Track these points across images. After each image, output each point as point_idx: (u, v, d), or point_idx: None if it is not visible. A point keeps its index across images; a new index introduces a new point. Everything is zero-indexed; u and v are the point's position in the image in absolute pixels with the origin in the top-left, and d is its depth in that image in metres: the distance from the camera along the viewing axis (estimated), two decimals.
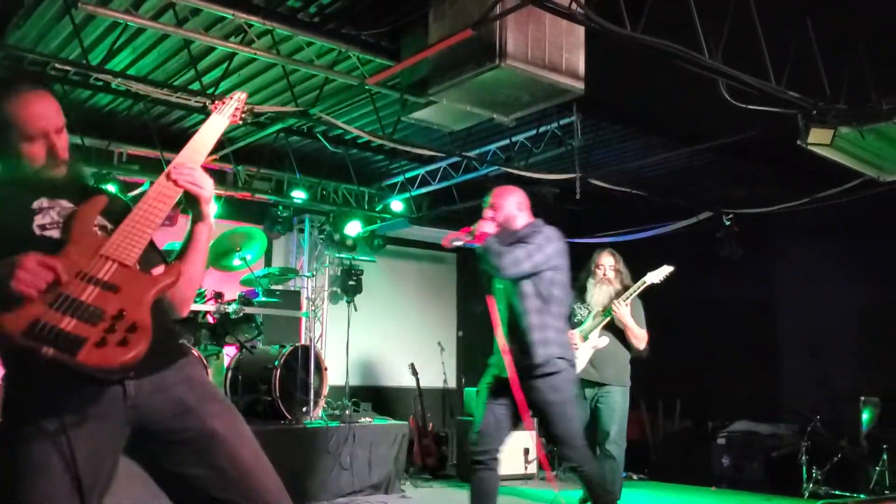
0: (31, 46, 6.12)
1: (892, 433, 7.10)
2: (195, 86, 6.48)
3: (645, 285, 5.94)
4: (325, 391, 7.49)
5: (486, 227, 4.36)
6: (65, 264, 2.02)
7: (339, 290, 9.61)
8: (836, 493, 7.04)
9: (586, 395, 5.91)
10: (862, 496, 6.65)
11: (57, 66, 6.33)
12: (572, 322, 6.08)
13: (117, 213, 2.29)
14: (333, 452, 6.69)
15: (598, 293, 6.09)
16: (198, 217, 2.39)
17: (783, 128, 5.95)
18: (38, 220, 2.23)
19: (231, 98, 2.64)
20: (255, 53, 5.80)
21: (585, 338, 6.00)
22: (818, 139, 5.81)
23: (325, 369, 7.49)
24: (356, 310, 8.91)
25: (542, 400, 4.28)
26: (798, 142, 5.84)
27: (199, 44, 5.98)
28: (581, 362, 5.89)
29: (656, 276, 5.99)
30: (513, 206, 4.48)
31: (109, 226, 2.27)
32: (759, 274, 9.08)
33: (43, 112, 2.30)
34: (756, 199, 8.37)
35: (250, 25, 5.54)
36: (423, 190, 9.18)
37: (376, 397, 9.51)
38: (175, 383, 2.19)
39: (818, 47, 5.49)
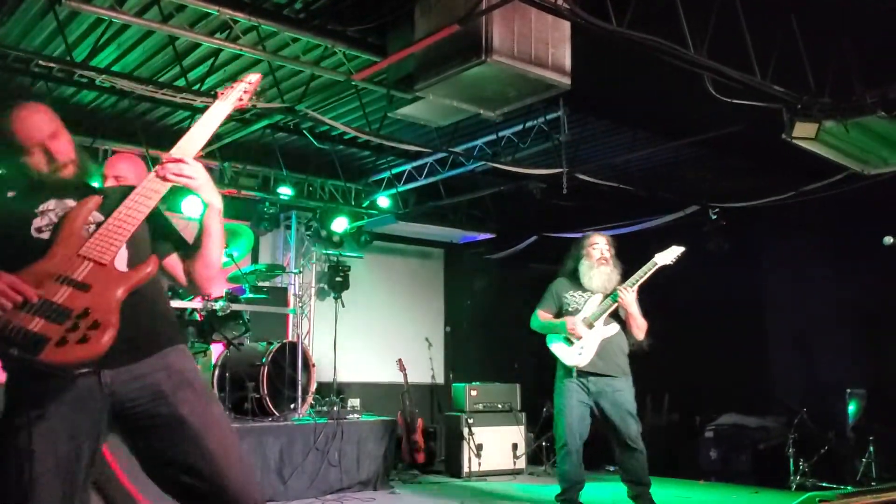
0: (15, 43, 6.07)
1: (879, 425, 7.15)
2: (180, 82, 6.46)
3: (656, 267, 5.51)
4: (313, 388, 7.49)
5: None
6: (43, 269, 2.21)
7: (326, 287, 9.59)
8: (824, 484, 7.08)
9: (590, 389, 5.50)
10: (849, 488, 6.69)
11: (41, 62, 6.27)
12: (568, 311, 5.62)
13: (114, 207, 2.41)
14: (322, 449, 6.69)
15: (597, 275, 5.59)
16: (204, 207, 2.52)
17: (768, 122, 5.98)
18: (36, 222, 2.40)
19: (240, 82, 2.72)
20: (241, 49, 5.77)
21: (591, 325, 5.50)
22: (803, 133, 5.84)
23: (313, 366, 7.48)
24: (343, 306, 8.90)
25: None
26: (783, 136, 5.87)
27: (185, 40, 5.95)
28: (589, 353, 5.47)
29: (666, 256, 5.56)
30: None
31: (103, 221, 2.39)
32: (746, 267, 9.11)
33: (33, 124, 2.46)
34: (742, 192, 8.41)
35: (236, 21, 5.51)
36: (410, 186, 9.17)
37: (364, 393, 9.49)
38: (154, 370, 2.33)
39: (803, 42, 5.52)
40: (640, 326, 5.53)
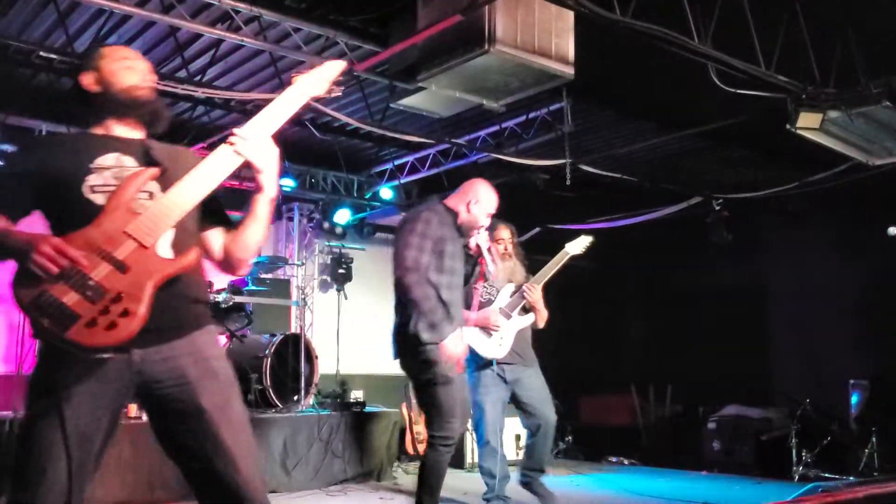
0: (16, 34, 6.05)
1: (881, 416, 7.15)
2: (182, 73, 6.44)
3: (567, 257, 5.45)
4: (316, 379, 7.48)
5: None
6: (88, 238, 2.18)
7: (328, 279, 9.59)
8: (826, 475, 7.08)
9: (507, 378, 5.37)
10: (851, 478, 6.69)
11: (42, 53, 6.25)
12: (480, 303, 5.47)
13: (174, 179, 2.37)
14: (325, 440, 6.68)
15: (501, 270, 5.39)
16: (256, 188, 2.49)
17: (773, 112, 5.95)
18: (92, 179, 2.35)
19: (317, 67, 2.59)
20: (243, 40, 5.74)
21: (508, 316, 5.43)
22: (807, 123, 5.82)
23: (316, 357, 7.47)
24: (346, 298, 8.90)
25: None
26: (787, 126, 5.85)
27: (186, 31, 5.93)
28: (508, 343, 5.39)
29: (576, 246, 5.53)
30: None
31: (158, 194, 2.37)
32: (749, 259, 9.11)
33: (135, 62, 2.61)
34: (745, 183, 8.38)
35: (237, 12, 5.49)
36: (413, 177, 9.15)
37: (367, 385, 9.49)
38: (182, 354, 2.34)
39: (807, 31, 5.50)
40: (543, 318, 5.49)
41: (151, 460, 5.49)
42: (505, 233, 5.60)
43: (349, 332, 8.89)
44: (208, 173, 2.36)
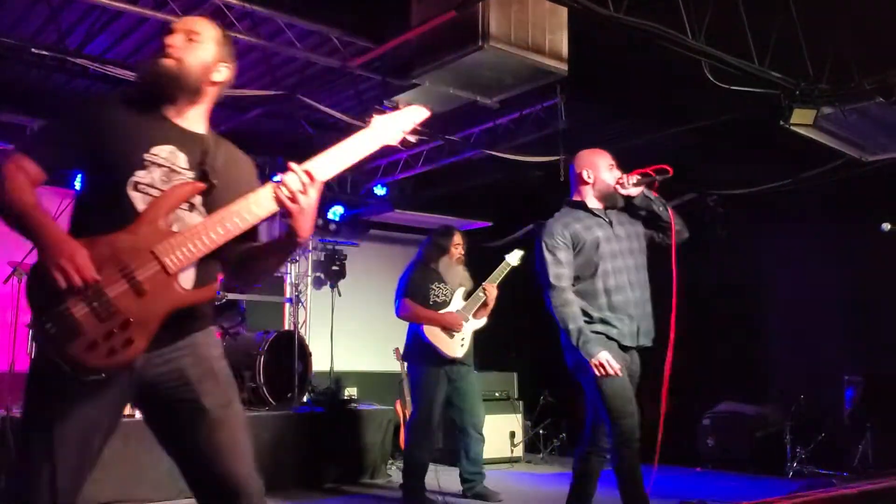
0: (7, 31, 6.02)
1: (876, 412, 7.15)
2: None
3: (510, 268, 5.99)
4: (311, 377, 7.47)
5: None
6: (115, 247, 2.13)
7: (322, 276, 9.56)
8: (821, 471, 7.10)
9: (451, 376, 5.82)
10: (846, 474, 6.70)
11: (33, 50, 6.22)
12: (436, 302, 5.89)
13: (222, 201, 2.29)
14: (319, 438, 6.67)
15: (456, 273, 6.01)
16: (289, 231, 2.38)
17: (767, 108, 5.95)
18: (139, 175, 2.25)
19: (401, 110, 2.47)
20: (236, 36, 5.72)
21: (466, 319, 5.91)
22: (801, 119, 5.82)
23: (310, 355, 7.46)
24: (340, 295, 8.87)
25: (639, 372, 4.44)
26: (781, 122, 5.85)
27: None
28: (467, 343, 5.88)
29: (514, 257, 6.04)
30: None
31: (199, 207, 2.31)
32: (743, 254, 9.10)
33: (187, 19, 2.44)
34: (739, 180, 8.38)
35: (230, 8, 5.47)
36: (407, 174, 9.13)
37: (361, 382, 9.49)
38: (183, 355, 2.32)
39: (801, 28, 5.49)
40: (487, 316, 6.05)
41: (141, 458, 5.47)
42: (461, 238, 6.09)
43: (343, 330, 8.87)
44: (246, 212, 2.27)
